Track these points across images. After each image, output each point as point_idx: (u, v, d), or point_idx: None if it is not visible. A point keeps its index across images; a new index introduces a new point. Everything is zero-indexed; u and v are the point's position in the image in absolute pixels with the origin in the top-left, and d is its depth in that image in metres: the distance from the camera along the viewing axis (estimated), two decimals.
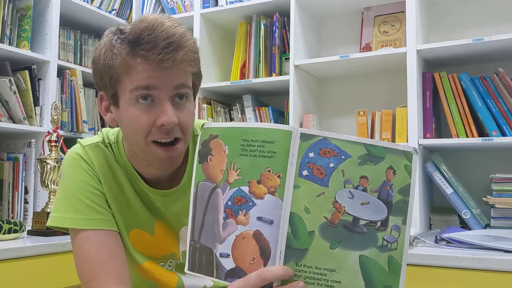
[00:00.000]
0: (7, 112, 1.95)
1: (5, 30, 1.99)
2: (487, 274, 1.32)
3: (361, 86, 2.21)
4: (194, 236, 0.70)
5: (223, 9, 2.24)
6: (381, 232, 0.63)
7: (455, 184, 1.74)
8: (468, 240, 1.44)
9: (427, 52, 1.84)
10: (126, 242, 0.97)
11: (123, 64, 0.81)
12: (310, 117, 2.06)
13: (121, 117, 0.87)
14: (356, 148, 0.66)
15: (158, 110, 0.82)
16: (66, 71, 2.21)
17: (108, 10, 2.49)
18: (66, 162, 0.96)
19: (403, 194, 0.64)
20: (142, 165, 0.94)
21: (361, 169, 0.65)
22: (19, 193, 1.97)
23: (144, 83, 0.81)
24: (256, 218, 0.64)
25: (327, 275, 0.64)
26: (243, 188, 0.66)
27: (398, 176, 0.64)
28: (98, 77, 0.87)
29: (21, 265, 1.45)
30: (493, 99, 1.70)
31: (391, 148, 0.66)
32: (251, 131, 0.67)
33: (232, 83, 2.20)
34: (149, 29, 0.80)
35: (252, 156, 0.66)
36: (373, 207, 0.63)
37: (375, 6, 2.15)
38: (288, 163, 0.65)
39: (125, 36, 0.82)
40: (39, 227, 1.72)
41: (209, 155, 0.70)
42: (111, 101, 0.87)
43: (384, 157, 0.65)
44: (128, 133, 0.87)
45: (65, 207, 0.92)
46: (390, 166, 0.65)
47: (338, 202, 0.63)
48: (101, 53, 0.84)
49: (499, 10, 1.96)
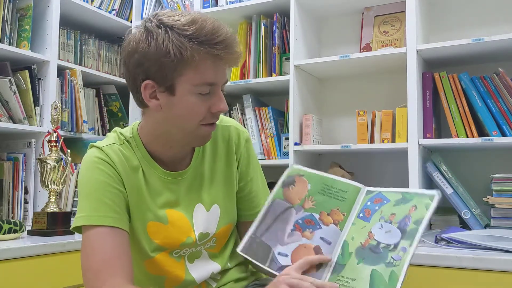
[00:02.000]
0: (7, 112, 1.95)
1: (5, 30, 1.99)
2: (487, 274, 1.32)
3: (361, 86, 2.21)
4: (257, 233, 0.92)
5: (223, 9, 2.24)
6: (391, 252, 0.80)
7: (455, 184, 1.74)
8: (468, 240, 1.44)
9: (427, 52, 1.84)
10: (145, 235, 1.02)
11: (194, 60, 0.90)
12: (310, 117, 2.06)
13: (175, 104, 0.95)
14: (395, 195, 0.88)
15: (214, 99, 0.96)
16: (66, 71, 2.21)
17: (108, 10, 2.49)
18: (85, 166, 1.01)
19: (417, 224, 0.81)
20: (162, 148, 1.03)
21: (394, 208, 0.85)
22: (19, 193, 1.97)
23: (211, 81, 0.94)
24: (319, 237, 0.87)
25: (350, 283, 0.82)
26: (314, 215, 0.90)
27: (417, 211, 0.83)
28: (156, 67, 0.92)
29: (21, 265, 1.45)
30: (493, 99, 1.70)
31: (419, 193, 0.86)
32: (331, 180, 0.94)
33: (232, 83, 2.20)
34: (217, 30, 0.91)
35: (328, 196, 0.91)
36: (392, 234, 0.82)
37: (375, 6, 2.15)
38: (352, 208, 0.88)
39: (191, 34, 0.90)
40: (39, 227, 1.72)
41: (291, 185, 0.97)
42: (165, 89, 0.94)
43: (413, 199, 0.85)
44: (181, 119, 0.96)
45: (83, 209, 0.97)
46: (414, 205, 0.84)
47: (371, 231, 0.83)
48: (168, 48, 0.89)
49: (499, 10, 1.96)
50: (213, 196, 1.08)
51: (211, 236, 1.07)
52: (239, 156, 1.13)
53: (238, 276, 1.14)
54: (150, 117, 1.01)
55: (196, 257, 1.07)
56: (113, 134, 1.06)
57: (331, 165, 2.05)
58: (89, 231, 0.94)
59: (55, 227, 1.72)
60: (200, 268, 1.07)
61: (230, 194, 1.11)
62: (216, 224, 1.08)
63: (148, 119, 1.03)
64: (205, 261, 1.08)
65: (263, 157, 2.13)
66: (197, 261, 1.07)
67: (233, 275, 1.13)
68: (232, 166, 1.11)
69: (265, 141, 2.15)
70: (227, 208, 1.10)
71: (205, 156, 1.09)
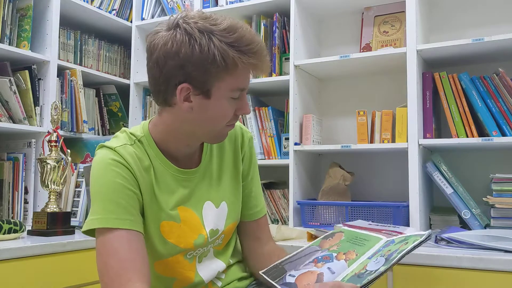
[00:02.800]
0: (7, 112, 1.95)
1: (5, 30, 1.99)
2: (487, 274, 1.32)
3: (361, 86, 2.21)
4: (283, 263, 1.04)
5: (223, 9, 2.24)
6: (369, 275, 0.88)
7: (455, 184, 1.74)
8: (468, 240, 1.44)
9: (427, 52, 1.84)
10: (159, 235, 1.02)
11: (235, 68, 0.94)
12: (310, 117, 2.06)
13: (209, 107, 0.97)
14: (400, 238, 0.98)
15: (241, 103, 1.01)
16: (66, 71, 2.21)
17: (108, 10, 2.49)
18: (98, 167, 0.99)
19: (399, 253, 0.90)
20: (177, 146, 1.05)
21: (391, 246, 0.95)
22: (19, 193, 1.97)
23: (243, 86, 0.99)
24: (327, 267, 0.97)
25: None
26: (333, 254, 1.02)
27: (406, 245, 0.92)
28: (199, 72, 0.93)
29: (21, 265, 1.45)
30: (493, 99, 1.70)
31: (417, 234, 0.97)
32: (363, 234, 1.06)
33: None
34: (254, 39, 0.96)
35: (352, 243, 1.03)
36: (378, 263, 0.91)
37: (375, 6, 2.15)
38: (367, 252, 0.97)
39: (232, 42, 0.93)
40: (39, 227, 1.72)
41: (330, 237, 1.10)
42: (200, 92, 0.95)
43: (409, 239, 0.95)
44: (212, 120, 0.99)
45: (96, 211, 0.96)
46: (407, 241, 0.94)
47: (367, 264, 0.92)
48: (215, 55, 0.91)
49: (499, 10, 1.96)
50: (221, 193, 1.10)
51: (220, 233, 1.09)
52: (243, 154, 1.15)
53: (240, 274, 1.15)
54: (172, 116, 1.01)
55: (204, 256, 1.09)
56: (122, 135, 1.05)
57: (331, 165, 2.05)
58: (105, 234, 0.92)
59: (55, 227, 1.72)
60: (207, 267, 1.08)
61: (236, 191, 1.13)
62: (224, 221, 1.09)
63: (166, 118, 1.02)
64: (211, 259, 1.10)
65: (263, 157, 2.13)
66: (205, 260, 1.08)
67: (235, 273, 1.14)
68: (238, 164, 1.14)
69: (265, 141, 2.15)
70: (235, 205, 1.12)
71: (213, 154, 1.12)
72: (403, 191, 1.87)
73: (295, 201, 2.00)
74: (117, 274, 0.89)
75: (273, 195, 2.18)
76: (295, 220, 2.00)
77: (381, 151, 2.01)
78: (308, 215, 1.97)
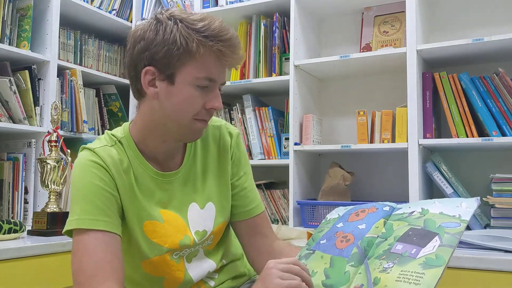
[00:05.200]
0: (7, 112, 1.95)
1: (5, 30, 1.99)
2: (487, 274, 1.32)
3: (361, 86, 2.21)
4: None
5: (223, 9, 2.24)
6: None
7: (455, 184, 1.74)
8: (468, 240, 1.44)
9: (427, 52, 1.84)
10: (143, 235, 1.01)
11: (199, 52, 0.93)
12: (310, 117, 2.06)
13: (173, 93, 0.96)
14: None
15: (210, 96, 0.98)
16: (66, 71, 2.21)
17: (108, 10, 2.49)
18: (77, 169, 0.99)
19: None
20: (154, 146, 1.03)
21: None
22: (19, 193, 1.97)
23: (211, 76, 0.96)
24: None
25: None
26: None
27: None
28: (161, 54, 0.93)
29: (21, 265, 1.45)
30: (493, 99, 1.70)
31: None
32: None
33: (232, 83, 2.20)
34: (225, 29, 0.95)
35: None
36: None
37: (375, 6, 2.15)
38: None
39: (199, 28, 0.93)
40: (39, 227, 1.72)
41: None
42: (165, 77, 0.95)
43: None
44: (176, 109, 0.97)
45: (74, 211, 0.95)
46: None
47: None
48: (176, 36, 0.92)
49: (499, 10, 1.96)
50: (206, 194, 1.08)
51: (209, 234, 1.07)
52: (231, 153, 1.13)
53: (235, 273, 1.14)
54: (145, 108, 1.01)
55: (194, 256, 1.08)
56: (104, 136, 1.05)
57: (331, 165, 2.05)
58: (81, 235, 0.92)
59: (55, 227, 1.72)
60: (197, 267, 1.07)
61: (224, 192, 1.11)
62: (212, 221, 1.08)
63: (142, 111, 1.02)
64: (201, 259, 1.09)
65: (263, 157, 2.13)
66: (194, 260, 1.07)
67: (229, 272, 1.13)
68: (226, 164, 1.12)
69: (265, 141, 2.15)
70: (223, 205, 1.11)
71: (196, 156, 1.10)
72: (403, 191, 1.87)
73: (295, 201, 2.00)
74: (92, 274, 0.88)
75: (273, 195, 2.18)
76: (295, 220, 2.00)
77: (381, 151, 2.01)
78: (308, 215, 1.97)
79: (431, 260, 0.80)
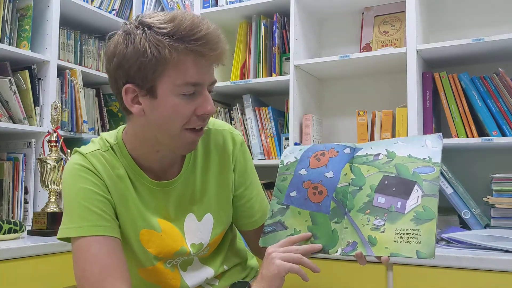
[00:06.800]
0: (7, 112, 1.95)
1: (5, 30, 1.99)
2: (487, 274, 1.32)
3: (361, 86, 2.21)
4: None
5: (223, 9, 2.24)
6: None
7: (455, 184, 1.74)
8: (468, 240, 1.44)
9: (427, 52, 1.83)
10: (138, 244, 0.98)
11: (173, 58, 0.85)
12: (310, 117, 2.06)
13: (158, 107, 0.89)
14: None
15: (199, 101, 0.90)
16: (66, 71, 2.21)
17: (108, 10, 2.49)
18: (68, 174, 0.97)
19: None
20: (147, 156, 0.98)
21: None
22: (19, 193, 1.97)
23: (194, 80, 0.88)
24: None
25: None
26: None
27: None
28: (135, 68, 0.87)
29: (21, 265, 1.45)
30: (493, 99, 1.70)
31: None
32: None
33: (232, 83, 2.20)
34: (196, 26, 0.86)
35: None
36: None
37: (375, 6, 2.15)
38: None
39: (168, 32, 0.85)
40: (39, 227, 1.72)
41: None
42: (146, 92, 0.89)
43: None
44: (164, 121, 0.91)
45: (71, 218, 0.93)
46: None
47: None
48: (145, 47, 0.85)
49: (499, 10, 1.96)
50: (205, 205, 1.04)
51: (205, 246, 1.04)
52: (234, 161, 1.07)
53: (238, 277, 1.12)
54: (134, 123, 0.97)
55: (188, 264, 1.05)
56: (97, 140, 1.02)
57: None
58: (81, 242, 0.90)
59: (55, 227, 1.71)
60: (194, 275, 1.05)
61: (224, 202, 1.07)
62: (209, 233, 1.04)
63: (132, 125, 0.98)
64: (198, 266, 1.06)
65: (263, 157, 2.13)
66: (189, 268, 1.05)
67: (232, 277, 1.11)
68: (228, 173, 1.06)
69: (265, 141, 2.15)
70: (221, 216, 1.06)
71: (196, 164, 1.04)
72: None
73: None
74: (98, 280, 0.87)
75: None
76: None
77: None
78: None
79: (420, 213, 0.79)
